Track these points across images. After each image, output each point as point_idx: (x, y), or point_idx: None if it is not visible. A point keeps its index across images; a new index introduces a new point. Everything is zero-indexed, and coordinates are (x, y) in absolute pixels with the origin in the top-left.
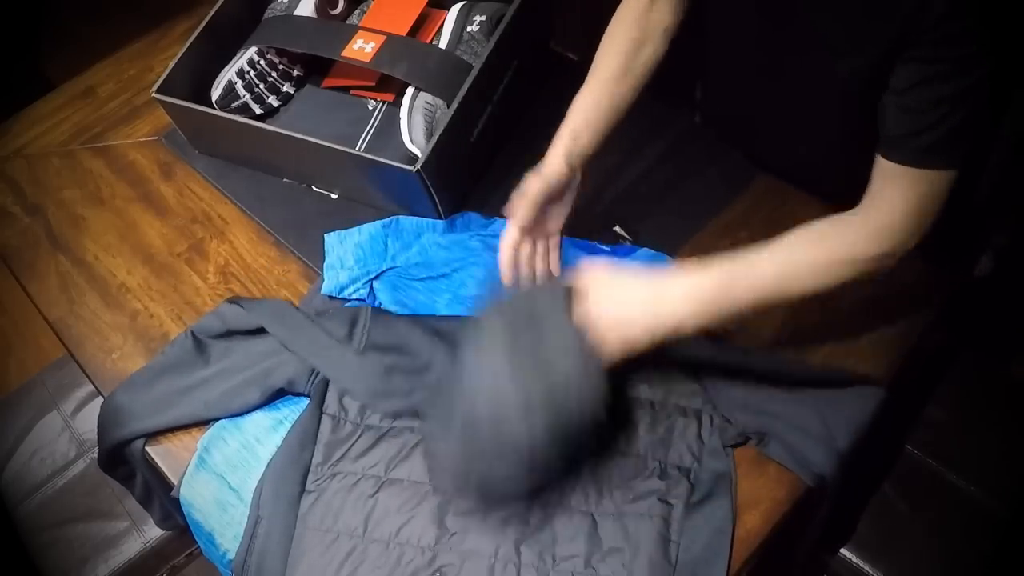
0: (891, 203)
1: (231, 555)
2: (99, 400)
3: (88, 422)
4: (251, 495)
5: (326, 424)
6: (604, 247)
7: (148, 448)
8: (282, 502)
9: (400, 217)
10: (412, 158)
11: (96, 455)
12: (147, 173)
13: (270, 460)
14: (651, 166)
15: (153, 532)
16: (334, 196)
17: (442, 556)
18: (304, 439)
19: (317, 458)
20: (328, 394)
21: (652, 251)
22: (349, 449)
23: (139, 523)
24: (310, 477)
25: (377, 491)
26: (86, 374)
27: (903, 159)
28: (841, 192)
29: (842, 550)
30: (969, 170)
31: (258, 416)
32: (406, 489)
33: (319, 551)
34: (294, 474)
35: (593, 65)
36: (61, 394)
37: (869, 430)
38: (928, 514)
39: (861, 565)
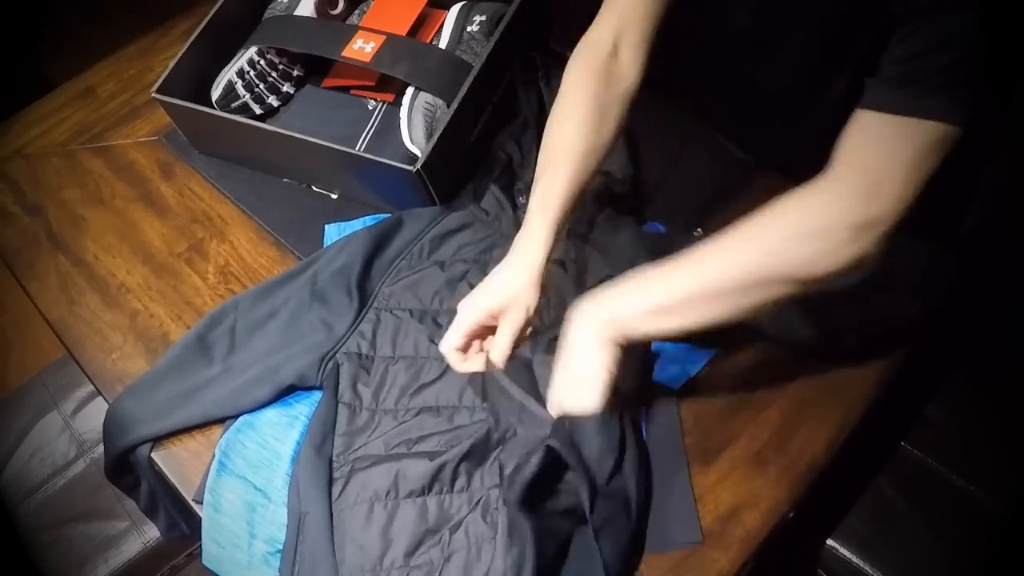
0: (874, 159)
1: (264, 552)
2: (99, 400)
3: (88, 422)
4: (277, 493)
5: (343, 414)
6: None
7: (154, 455)
8: (320, 493)
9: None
10: (412, 158)
11: (96, 455)
12: (147, 173)
13: (295, 456)
14: (654, 164)
15: (153, 532)
16: (334, 196)
17: (478, 492)
18: (325, 430)
19: (338, 448)
20: (341, 382)
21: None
22: (368, 436)
23: (139, 523)
24: (334, 465)
25: (401, 458)
26: (86, 374)
27: (890, 105)
28: None
29: (841, 548)
30: (968, 168)
31: (271, 415)
32: (429, 455)
33: (360, 524)
34: (322, 464)
35: (554, 135)
36: (61, 394)
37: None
38: (927, 513)
39: (860, 564)
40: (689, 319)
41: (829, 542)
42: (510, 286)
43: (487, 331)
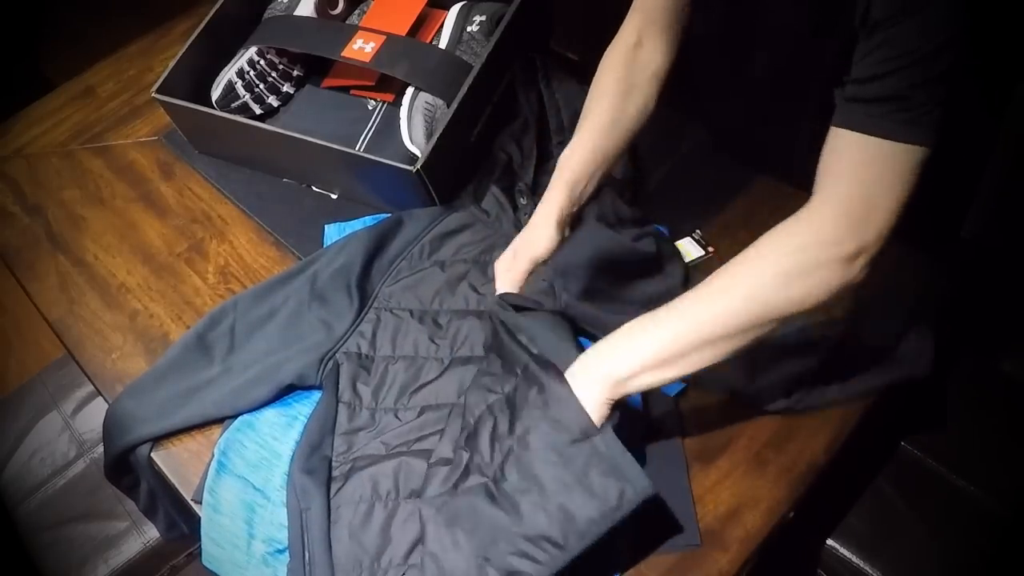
0: (860, 186)
1: (263, 552)
2: (99, 400)
3: (88, 422)
4: (276, 492)
5: (342, 413)
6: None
7: (154, 455)
8: (317, 490)
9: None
10: (412, 158)
11: (96, 455)
12: (147, 173)
13: (293, 455)
14: (655, 169)
15: (153, 532)
16: (334, 196)
17: None
18: (324, 429)
19: (339, 447)
20: (341, 381)
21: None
22: (369, 435)
23: (139, 523)
24: (334, 464)
25: (403, 456)
26: (86, 374)
27: (872, 128)
28: None
29: (840, 547)
30: (967, 170)
31: (270, 415)
32: (430, 453)
33: (359, 522)
34: (319, 462)
35: (583, 114)
36: (61, 394)
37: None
38: (927, 513)
39: (860, 564)
40: (686, 368)
41: (829, 542)
42: (532, 238)
43: None
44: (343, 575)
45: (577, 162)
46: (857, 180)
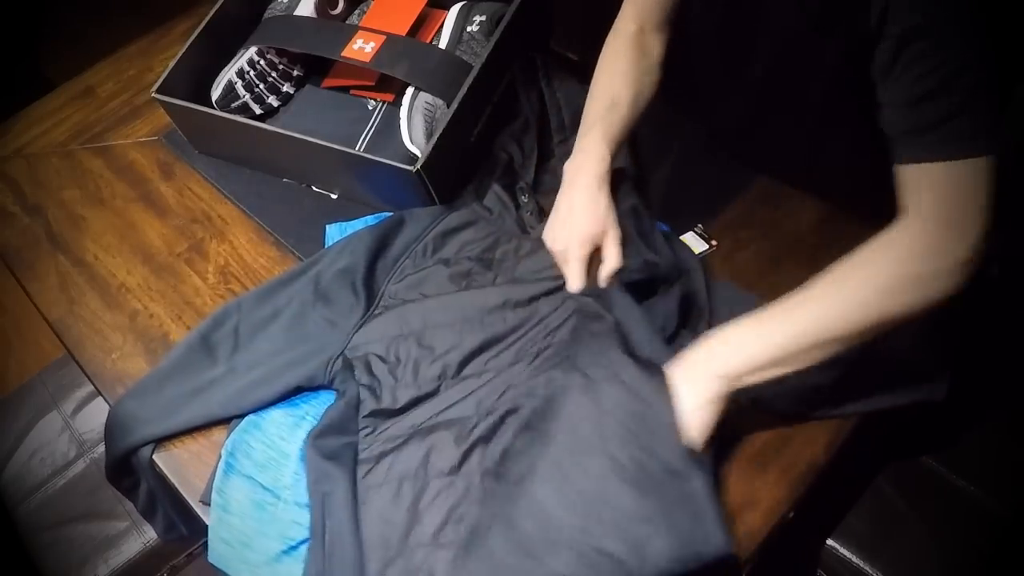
0: (942, 205)
1: (277, 550)
2: (99, 400)
3: (88, 422)
4: (286, 491)
5: (364, 396)
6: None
7: (155, 456)
8: (342, 473)
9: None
10: (412, 158)
11: (96, 455)
12: (147, 173)
13: (303, 452)
14: (656, 168)
15: (153, 533)
16: (334, 196)
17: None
18: (346, 414)
19: (364, 430)
20: (356, 369)
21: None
22: (392, 414)
23: (139, 523)
24: (361, 446)
25: (429, 435)
26: (86, 374)
27: (935, 155)
28: (837, 189)
29: (841, 548)
30: None
31: (277, 416)
32: (458, 423)
33: (388, 501)
34: (341, 444)
35: (599, 93)
36: (61, 394)
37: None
38: (927, 513)
39: (860, 564)
40: (792, 368)
41: (829, 542)
42: (598, 210)
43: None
44: (371, 553)
45: (618, 137)
46: (948, 200)
